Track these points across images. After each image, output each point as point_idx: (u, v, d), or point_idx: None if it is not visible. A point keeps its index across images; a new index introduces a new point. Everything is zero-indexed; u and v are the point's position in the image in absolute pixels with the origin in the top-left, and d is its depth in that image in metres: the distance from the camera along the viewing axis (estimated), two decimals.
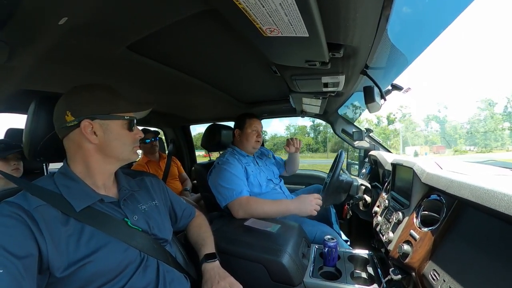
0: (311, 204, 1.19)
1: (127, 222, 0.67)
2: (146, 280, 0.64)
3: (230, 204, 1.26)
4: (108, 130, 0.65)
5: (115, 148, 0.67)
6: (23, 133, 0.70)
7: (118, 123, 0.67)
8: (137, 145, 0.74)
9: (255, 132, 1.52)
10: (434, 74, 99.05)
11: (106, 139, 0.65)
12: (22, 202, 0.55)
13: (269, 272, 0.93)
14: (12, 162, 1.30)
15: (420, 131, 34.44)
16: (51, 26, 0.67)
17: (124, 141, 0.69)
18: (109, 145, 0.66)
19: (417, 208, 0.81)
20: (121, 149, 0.69)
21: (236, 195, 1.25)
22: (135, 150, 0.73)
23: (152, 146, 2.27)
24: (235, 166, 1.37)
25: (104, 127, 0.65)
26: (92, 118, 0.63)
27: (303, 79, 1.09)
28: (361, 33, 0.68)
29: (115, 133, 0.67)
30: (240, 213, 1.23)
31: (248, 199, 1.26)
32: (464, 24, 27.09)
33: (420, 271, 0.65)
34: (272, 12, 0.53)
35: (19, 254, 0.48)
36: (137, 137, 0.73)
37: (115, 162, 0.71)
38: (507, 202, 0.45)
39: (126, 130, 0.69)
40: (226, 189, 1.28)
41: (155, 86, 1.38)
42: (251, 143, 1.51)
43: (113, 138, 0.66)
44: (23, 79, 1.01)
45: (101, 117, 0.64)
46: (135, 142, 0.72)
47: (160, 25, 0.72)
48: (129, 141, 0.70)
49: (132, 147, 0.71)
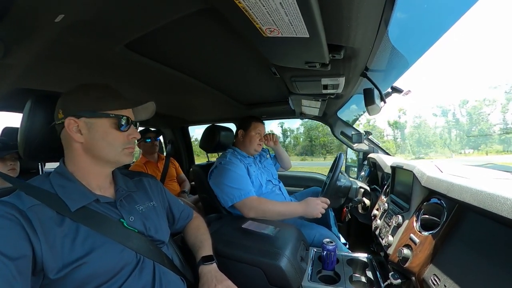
0: (318, 207, 1.22)
1: (123, 223, 0.66)
2: (142, 282, 0.63)
3: (239, 204, 1.26)
4: (93, 129, 0.63)
5: (101, 148, 0.64)
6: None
7: (105, 121, 0.64)
8: (129, 147, 0.69)
9: (258, 135, 1.55)
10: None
11: (91, 138, 0.63)
12: (16, 201, 0.54)
13: (267, 276, 0.91)
14: (9, 162, 1.29)
15: (386, 136, 34.61)
16: (47, 24, 0.66)
17: (110, 141, 0.65)
18: (95, 145, 0.64)
19: (417, 211, 0.80)
20: (107, 150, 0.65)
21: (245, 195, 1.26)
22: (127, 152, 0.68)
23: (152, 146, 2.26)
24: (239, 166, 1.38)
25: (89, 125, 0.62)
26: (78, 116, 0.62)
27: (303, 80, 1.09)
28: (362, 34, 0.68)
29: (101, 132, 0.63)
30: (252, 212, 1.24)
31: (259, 199, 1.28)
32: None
33: (420, 276, 0.64)
34: (272, 11, 0.53)
35: (12, 255, 0.47)
36: (130, 138, 0.68)
37: (104, 164, 0.67)
38: (509, 206, 0.44)
39: (114, 130, 0.65)
40: (234, 189, 1.28)
41: (154, 86, 1.37)
42: (254, 145, 1.54)
43: (99, 137, 0.63)
44: (19, 78, 1.00)
45: (87, 115, 0.62)
46: (126, 143, 0.68)
47: (159, 23, 0.71)
48: (118, 141, 0.66)
49: (122, 149, 0.67)
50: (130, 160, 0.70)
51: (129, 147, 0.69)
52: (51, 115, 0.65)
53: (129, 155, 0.69)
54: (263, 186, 1.46)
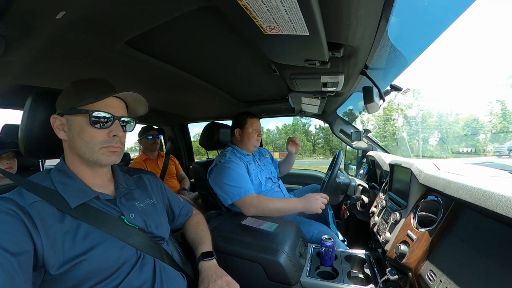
0: (317, 202, 1.24)
1: (124, 220, 0.66)
2: (142, 278, 0.64)
3: (238, 202, 1.28)
4: (72, 126, 0.62)
5: (80, 146, 0.62)
6: (18, 129, 0.69)
7: (81, 118, 0.61)
8: (110, 145, 0.63)
9: (256, 131, 1.54)
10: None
11: (71, 136, 0.62)
12: (17, 198, 0.54)
13: (266, 271, 0.93)
14: (5, 161, 1.28)
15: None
16: (48, 20, 0.66)
17: (86, 139, 0.61)
18: (74, 143, 0.62)
19: (415, 208, 0.81)
20: (84, 148, 0.62)
21: (245, 193, 1.27)
22: (106, 151, 0.63)
23: (154, 143, 2.27)
24: (238, 165, 1.38)
25: (70, 123, 0.62)
26: (62, 114, 0.62)
27: (303, 78, 1.09)
28: (361, 32, 0.68)
29: (78, 129, 0.61)
30: (252, 210, 1.26)
31: (258, 196, 1.29)
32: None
33: (417, 272, 0.65)
34: (272, 9, 0.53)
35: (14, 251, 0.47)
36: (111, 135, 0.63)
37: (87, 163, 0.64)
38: (505, 203, 0.45)
39: (90, 126, 0.61)
40: (233, 187, 1.29)
41: (154, 84, 1.38)
42: (252, 142, 1.54)
43: (76, 135, 0.62)
44: (19, 74, 1.00)
45: (66, 112, 0.62)
46: (105, 142, 0.63)
47: (160, 21, 0.71)
48: (95, 139, 0.62)
49: (100, 147, 0.62)
50: (113, 160, 0.65)
51: (109, 146, 0.64)
52: (51, 112, 0.66)
53: (109, 155, 0.64)
54: (262, 184, 1.47)
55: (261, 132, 1.61)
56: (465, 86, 57.15)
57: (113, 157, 0.65)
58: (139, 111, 0.75)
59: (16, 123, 1.46)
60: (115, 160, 0.66)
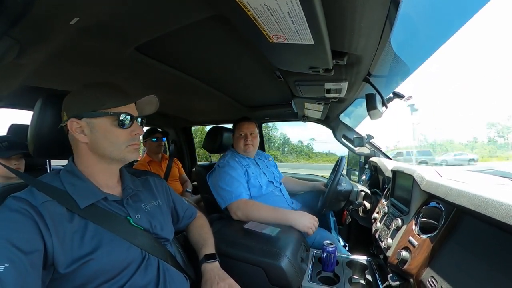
0: (310, 221, 1.18)
1: (130, 221, 0.67)
2: (147, 278, 0.65)
3: (229, 206, 1.28)
4: (94, 129, 0.63)
5: (105, 147, 0.65)
6: (28, 129, 0.70)
7: (105, 120, 0.64)
8: (133, 143, 0.68)
9: (242, 135, 1.51)
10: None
11: (94, 138, 0.64)
12: (29, 197, 0.56)
13: (267, 276, 0.93)
14: (14, 162, 1.29)
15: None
16: (62, 26, 0.68)
17: (112, 139, 0.65)
18: (98, 144, 0.64)
19: (416, 215, 0.81)
20: (111, 148, 0.65)
21: (235, 198, 1.27)
22: (131, 149, 0.68)
23: (158, 146, 2.29)
24: (235, 169, 1.39)
25: (91, 126, 0.63)
26: (80, 117, 0.63)
27: (306, 84, 1.11)
28: (365, 42, 0.70)
29: (103, 131, 0.64)
30: (238, 214, 1.25)
31: (246, 201, 1.28)
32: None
33: (418, 278, 0.65)
34: (279, 20, 0.55)
35: (25, 249, 0.48)
36: (133, 134, 0.68)
37: (111, 162, 0.68)
38: (505, 210, 0.46)
39: (115, 127, 0.65)
40: (226, 191, 1.30)
41: (161, 88, 1.40)
42: (240, 146, 1.52)
43: (101, 137, 0.64)
44: (30, 76, 1.02)
45: (87, 115, 0.63)
46: (130, 140, 0.67)
47: (169, 28, 0.73)
48: (121, 139, 0.66)
49: (126, 146, 0.67)
50: (136, 156, 0.70)
51: (134, 144, 0.69)
52: (60, 114, 0.67)
53: (134, 152, 0.69)
54: (263, 187, 1.46)
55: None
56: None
57: (136, 153, 0.70)
58: (147, 111, 0.78)
59: (22, 123, 1.48)
60: (138, 156, 0.72)
